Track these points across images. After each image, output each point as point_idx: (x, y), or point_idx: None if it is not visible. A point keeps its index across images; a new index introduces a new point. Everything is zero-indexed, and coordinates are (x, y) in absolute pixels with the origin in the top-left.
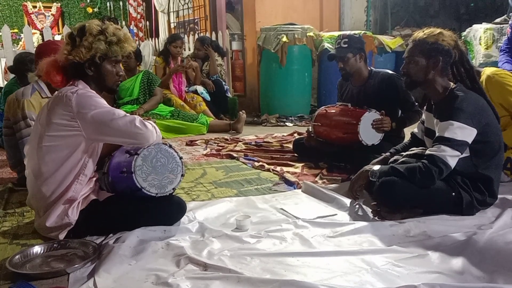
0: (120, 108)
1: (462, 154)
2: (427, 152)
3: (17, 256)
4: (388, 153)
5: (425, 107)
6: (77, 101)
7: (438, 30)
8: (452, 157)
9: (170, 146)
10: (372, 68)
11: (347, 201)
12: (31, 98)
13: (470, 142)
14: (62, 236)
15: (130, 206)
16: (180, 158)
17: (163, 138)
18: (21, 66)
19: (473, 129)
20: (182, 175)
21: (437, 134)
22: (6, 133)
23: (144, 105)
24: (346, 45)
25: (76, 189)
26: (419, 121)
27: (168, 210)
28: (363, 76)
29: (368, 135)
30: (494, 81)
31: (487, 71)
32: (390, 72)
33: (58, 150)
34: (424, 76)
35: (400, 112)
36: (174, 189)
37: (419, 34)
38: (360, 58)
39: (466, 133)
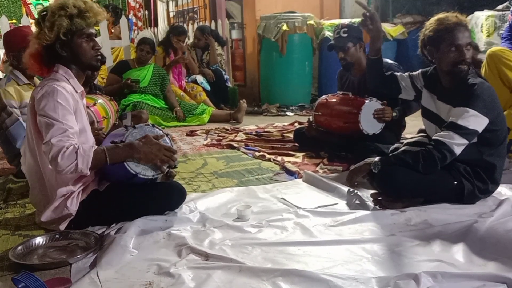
0: (127, 97)
1: (470, 142)
2: (435, 136)
3: (19, 247)
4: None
5: (424, 85)
6: (44, 93)
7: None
8: (459, 145)
9: (153, 125)
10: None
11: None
12: (6, 86)
13: (480, 131)
14: (62, 227)
15: (131, 193)
16: (167, 135)
17: (164, 127)
18: None
19: (486, 119)
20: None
21: (450, 119)
22: None
23: (177, 107)
24: (346, 35)
25: (71, 180)
26: (406, 76)
27: (168, 196)
28: (363, 66)
29: (369, 124)
30: (493, 55)
31: (489, 50)
32: (390, 61)
33: None
34: None
35: (399, 101)
36: (169, 166)
37: (460, 17)
38: (360, 48)
39: (478, 122)
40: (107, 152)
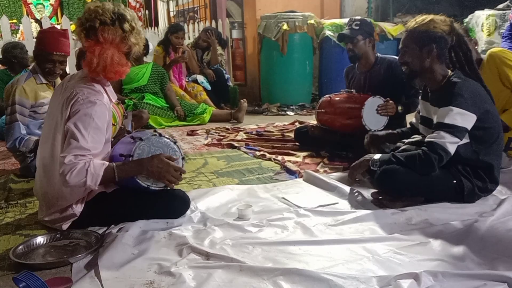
0: (126, 95)
1: (461, 140)
2: (427, 139)
3: (20, 247)
4: (395, 131)
5: (420, 96)
6: (83, 103)
7: (430, 17)
8: (451, 144)
9: (160, 135)
10: (378, 54)
11: (348, 189)
12: (25, 84)
13: (469, 128)
14: (65, 226)
15: (136, 200)
16: (175, 142)
17: (164, 127)
18: (6, 54)
19: (473, 115)
20: (183, 159)
21: (436, 120)
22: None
23: (177, 106)
24: (357, 27)
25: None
26: (416, 111)
27: (172, 205)
28: (369, 61)
29: (372, 120)
30: (494, 56)
31: (490, 51)
32: (397, 58)
33: None
34: (420, 65)
35: (404, 98)
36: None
37: (411, 23)
38: (369, 43)
39: (465, 119)
40: (116, 170)
